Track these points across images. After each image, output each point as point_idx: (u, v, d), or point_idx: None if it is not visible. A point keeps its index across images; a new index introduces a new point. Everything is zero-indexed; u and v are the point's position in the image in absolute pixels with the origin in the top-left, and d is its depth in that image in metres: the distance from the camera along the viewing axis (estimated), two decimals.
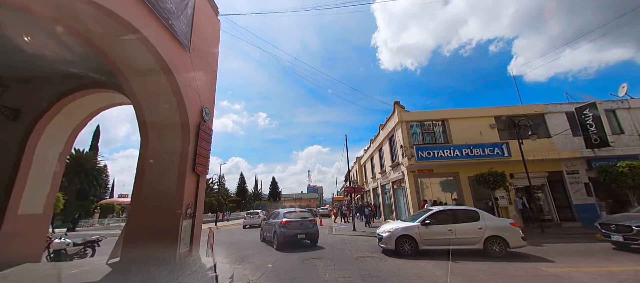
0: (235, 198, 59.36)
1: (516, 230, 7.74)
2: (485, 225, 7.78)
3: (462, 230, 7.85)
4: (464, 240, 7.77)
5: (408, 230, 8.13)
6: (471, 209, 8.50)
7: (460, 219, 8.08)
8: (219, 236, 16.50)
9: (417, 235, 7.96)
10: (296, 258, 8.34)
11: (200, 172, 6.36)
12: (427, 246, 7.91)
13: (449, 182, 15.53)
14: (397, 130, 16.31)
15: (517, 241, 7.61)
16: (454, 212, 8.42)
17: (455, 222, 7.99)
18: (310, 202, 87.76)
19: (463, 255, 7.83)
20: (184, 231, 5.72)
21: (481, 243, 7.66)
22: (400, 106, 16.23)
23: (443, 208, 8.73)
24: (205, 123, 6.75)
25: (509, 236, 7.61)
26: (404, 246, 7.98)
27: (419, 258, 7.64)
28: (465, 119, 15.92)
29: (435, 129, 16.00)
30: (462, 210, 8.55)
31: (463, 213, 8.31)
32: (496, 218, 8.60)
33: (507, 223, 7.99)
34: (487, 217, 8.04)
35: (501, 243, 7.61)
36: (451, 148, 14.12)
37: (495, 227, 7.78)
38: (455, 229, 7.86)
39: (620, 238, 8.06)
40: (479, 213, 8.13)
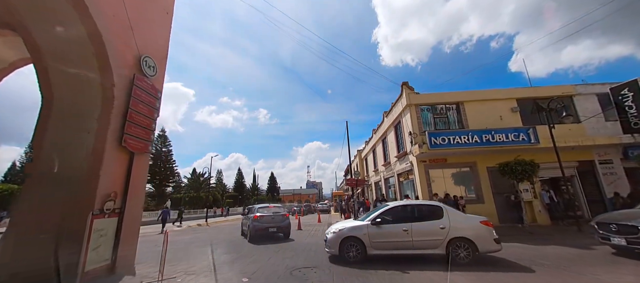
0: (232, 194, 57.39)
1: (487, 231, 6.10)
2: (449, 225, 6.11)
3: (420, 230, 6.20)
4: (421, 242, 6.16)
5: (355, 230, 6.53)
6: (434, 204, 6.86)
7: (420, 217, 6.48)
8: (203, 234, 14.43)
9: (366, 237, 6.35)
10: (282, 267, 6.33)
11: (133, 147, 4.26)
12: (378, 250, 6.30)
13: (464, 173, 13.42)
14: (405, 115, 14.17)
15: (488, 244, 5.95)
16: (414, 208, 6.76)
17: (414, 220, 6.39)
18: (310, 198, 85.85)
19: (422, 262, 6.18)
20: (100, 236, 3.66)
21: (443, 247, 6.03)
22: (409, 87, 14.07)
23: (401, 204, 7.08)
24: (146, 79, 4.63)
25: (478, 238, 5.94)
26: (349, 251, 6.38)
27: (365, 266, 5.99)
28: (483, 101, 13.77)
29: (449, 113, 13.86)
30: (423, 205, 6.90)
31: (424, 210, 6.66)
32: (464, 215, 6.82)
33: (477, 221, 6.28)
34: (453, 215, 6.39)
35: (468, 246, 5.96)
36: (469, 134, 11.98)
37: (461, 227, 6.12)
38: (411, 229, 6.21)
39: (622, 241, 6.19)
40: (443, 209, 6.48)
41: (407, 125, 13.90)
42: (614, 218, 6.86)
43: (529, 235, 10.10)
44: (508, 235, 10.23)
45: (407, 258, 6.36)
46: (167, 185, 45.39)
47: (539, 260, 6.52)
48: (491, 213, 12.37)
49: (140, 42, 4.61)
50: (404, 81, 14.17)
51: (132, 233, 4.30)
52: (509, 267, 5.96)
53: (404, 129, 14.66)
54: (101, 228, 3.66)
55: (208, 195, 40.50)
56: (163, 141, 43.63)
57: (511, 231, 10.85)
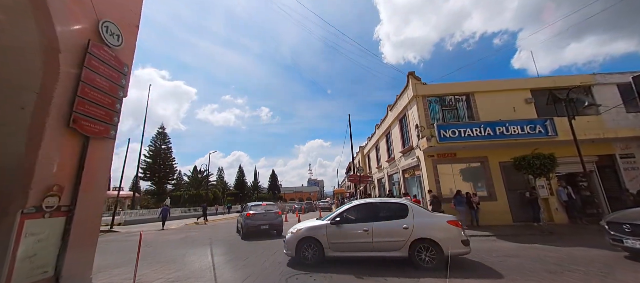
0: (233, 192, 56.75)
1: (455, 231, 5.46)
2: (413, 224, 5.53)
3: (381, 230, 5.66)
4: (382, 244, 5.60)
5: (313, 231, 6.07)
6: (399, 202, 6.24)
7: (383, 216, 5.94)
8: (198, 233, 13.64)
9: (324, 237, 5.88)
10: (277, 274, 5.51)
11: (87, 130, 3.41)
12: (337, 252, 5.83)
13: (474, 169, 12.50)
14: (412, 107, 13.26)
15: (456, 246, 5.33)
16: (378, 206, 6.23)
17: (376, 219, 5.86)
18: (311, 195, 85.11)
19: (385, 265, 5.69)
20: (37, 240, 2.84)
21: (405, 249, 5.44)
22: (415, 78, 13.15)
23: (365, 201, 6.57)
24: (107, 49, 3.79)
25: (444, 239, 5.33)
26: (306, 252, 5.95)
27: (320, 269, 5.51)
28: (495, 92, 12.82)
29: (459, 105, 12.92)
30: (387, 203, 6.34)
31: (388, 209, 6.10)
32: (431, 214, 6.11)
33: (443, 221, 5.67)
34: (418, 214, 5.77)
35: (433, 249, 5.36)
36: (481, 126, 11.06)
37: (426, 227, 5.52)
38: (372, 230, 5.68)
39: (637, 243, 5.35)
40: (408, 207, 5.88)
41: (414, 118, 13.00)
42: (628, 217, 5.93)
43: (549, 235, 9.21)
44: (524, 234, 9.34)
45: (369, 262, 5.84)
46: (167, 183, 44.75)
47: (569, 264, 5.66)
48: (504, 211, 11.48)
49: (101, 4, 3.76)
50: (410, 71, 13.25)
51: (88, 236, 3.46)
52: (477, 273, 5.16)
53: (410, 122, 13.76)
54: (38, 230, 2.83)
55: (207, 193, 39.79)
56: (162, 138, 42.91)
57: (527, 230, 9.96)
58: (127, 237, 13.20)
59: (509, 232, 9.76)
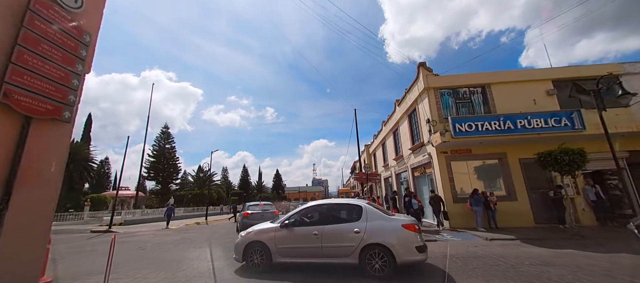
0: (237, 192, 56.30)
1: (409, 236, 4.92)
2: (365, 228, 5.03)
3: (331, 234, 5.19)
4: (332, 249, 5.12)
5: (261, 234, 5.70)
6: (353, 203, 5.70)
7: (336, 218, 5.48)
8: (195, 234, 12.91)
9: (272, 241, 5.48)
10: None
11: (27, 108, 2.66)
12: (285, 258, 5.38)
13: (489, 167, 11.52)
14: (423, 101, 12.34)
15: (408, 252, 4.83)
16: (332, 207, 5.76)
17: (329, 222, 5.39)
18: (315, 195, 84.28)
19: (341, 272, 5.17)
20: None
21: (356, 256, 4.95)
22: (427, 69, 12.23)
23: (319, 203, 6.08)
24: (59, 9, 3.03)
25: (396, 245, 4.81)
26: (254, 258, 5.53)
27: (266, 277, 5.12)
28: (513, 83, 11.83)
29: (473, 97, 11.96)
30: (342, 205, 5.83)
31: (341, 210, 5.65)
32: (386, 217, 5.36)
33: (398, 225, 5.06)
34: (372, 217, 5.21)
35: (385, 255, 4.83)
36: (500, 120, 10.10)
37: (379, 232, 4.98)
38: (322, 233, 5.22)
39: None
40: (363, 209, 5.36)
41: (425, 112, 12.08)
42: None
43: (579, 238, 8.23)
44: (551, 238, 8.36)
45: (322, 269, 5.33)
46: (172, 182, 44.42)
47: (622, 275, 4.75)
48: (525, 212, 10.50)
49: None
50: (421, 62, 12.33)
51: (30, 244, 2.71)
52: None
53: (421, 116, 12.84)
54: None
55: (211, 192, 39.28)
56: (166, 138, 42.60)
57: (553, 233, 8.99)
58: (123, 238, 12.57)
59: (533, 235, 8.80)
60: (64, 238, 13.00)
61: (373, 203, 6.09)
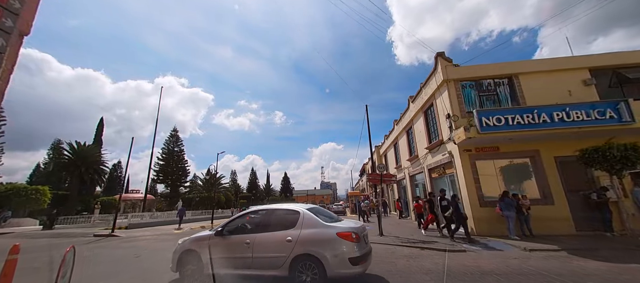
0: (246, 195, 55.81)
1: (342, 246, 4.36)
2: (298, 237, 4.52)
3: (263, 243, 4.71)
4: (262, 260, 4.63)
5: (196, 243, 5.28)
6: (292, 209, 5.12)
7: (271, 225, 4.95)
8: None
9: (206, 250, 5.06)
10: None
11: None
12: (217, 268, 4.87)
13: (517, 166, 10.21)
14: (442, 94, 11.18)
15: (340, 264, 4.26)
16: (269, 213, 5.25)
17: (263, 230, 4.92)
18: (324, 199, 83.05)
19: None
20: None
21: (286, 267, 4.43)
22: (446, 59, 11.09)
23: (257, 209, 5.63)
24: None
25: (327, 256, 4.28)
26: (187, 268, 5.14)
27: None
28: (544, 73, 10.55)
29: (499, 89, 10.73)
30: (278, 210, 5.25)
31: (278, 216, 5.11)
32: (323, 224, 4.70)
33: (332, 232, 4.49)
34: (308, 223, 4.66)
35: (316, 267, 4.31)
36: (534, 112, 8.85)
37: (311, 240, 4.46)
38: (254, 242, 4.76)
39: None
40: (300, 215, 4.82)
41: (444, 107, 10.93)
42: None
43: (635, 249, 6.91)
44: (602, 249, 7.03)
45: (254, 281, 4.67)
46: (181, 185, 44.26)
47: None
48: (564, 217, 9.16)
49: None
50: (439, 51, 11.19)
51: None
52: None
53: (439, 112, 11.68)
54: None
55: (219, 196, 38.77)
56: (175, 141, 42.56)
57: (602, 243, 7.65)
58: (122, 243, 11.87)
59: (578, 244, 7.50)
60: (65, 242, 12.43)
61: (364, 206, 5.10)
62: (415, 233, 10.67)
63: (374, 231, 11.89)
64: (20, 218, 21.82)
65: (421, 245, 7.98)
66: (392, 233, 10.95)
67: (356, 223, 5.04)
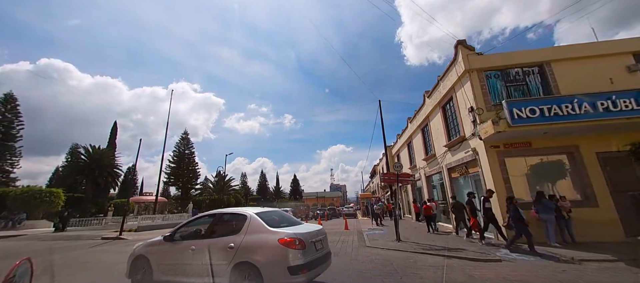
0: (256, 197, 55.55)
1: (282, 252, 3.87)
2: (240, 243, 4.12)
3: (206, 250, 4.31)
4: (204, 268, 4.20)
5: (147, 248, 5.03)
6: (239, 213, 4.75)
7: (217, 231, 4.62)
8: None
9: (155, 256, 4.81)
10: None
11: None
12: (166, 275, 4.61)
13: (552, 165, 9.06)
14: (463, 86, 10.16)
15: (279, 274, 3.79)
16: (217, 217, 4.90)
17: (209, 236, 4.60)
18: (333, 201, 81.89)
19: None
20: None
21: (227, 276, 4.00)
22: (467, 47, 10.06)
23: (208, 213, 5.19)
24: None
25: (264, 264, 3.85)
26: (138, 275, 4.89)
27: None
28: (580, 60, 9.37)
29: (529, 79, 9.62)
30: (226, 215, 4.95)
31: (225, 221, 4.82)
32: (269, 230, 4.27)
33: (274, 240, 4.03)
34: (254, 228, 4.27)
35: (255, 276, 3.86)
36: (572, 102, 7.74)
37: (252, 247, 4.05)
38: (198, 248, 4.42)
39: None
40: (246, 219, 4.43)
41: (466, 100, 9.91)
42: None
43: None
44: None
45: None
46: (192, 187, 44.37)
47: None
48: (610, 221, 7.95)
49: None
50: (460, 39, 10.20)
51: None
52: None
53: (459, 106, 10.65)
54: None
55: (229, 198, 38.52)
56: (186, 144, 42.75)
57: None
58: (126, 246, 11.40)
59: (635, 253, 6.34)
60: (72, 245, 12.09)
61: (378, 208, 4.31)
62: (437, 239, 9.66)
63: (389, 236, 10.95)
64: (35, 221, 22.03)
65: (446, 253, 7.01)
66: (410, 238, 9.97)
67: (310, 228, 4.66)
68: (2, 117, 27.65)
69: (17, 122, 28.80)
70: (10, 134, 27.92)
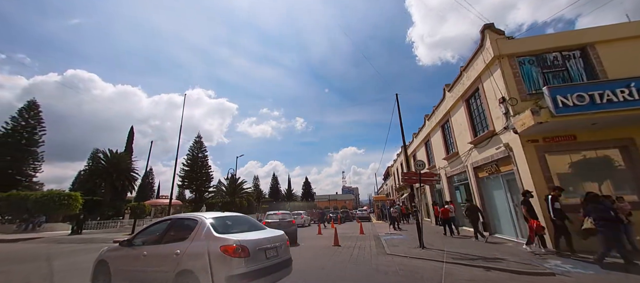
0: (268, 199, 55.27)
1: (223, 261, 3.63)
2: (185, 250, 3.90)
3: (155, 256, 4.20)
4: (153, 274, 4.08)
5: (108, 253, 4.86)
6: (191, 218, 4.45)
7: (171, 236, 4.35)
8: None
9: (113, 261, 4.67)
10: None
11: None
12: (121, 281, 4.49)
13: (597, 161, 7.82)
14: (492, 74, 9.10)
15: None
16: (173, 222, 4.58)
17: (161, 241, 4.36)
18: (346, 204, 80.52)
19: None
20: None
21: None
22: (495, 31, 9.01)
23: (167, 218, 4.84)
24: None
25: (203, 272, 3.63)
26: (99, 279, 4.75)
27: None
28: (630, 40, 8.16)
29: (569, 64, 8.45)
30: (180, 220, 4.60)
31: (177, 226, 4.49)
32: (212, 236, 3.89)
33: (216, 247, 3.71)
34: (201, 234, 3.97)
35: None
36: (629, 86, 6.58)
37: (195, 254, 3.81)
38: (149, 254, 4.27)
39: None
40: (197, 224, 4.16)
41: (495, 90, 8.84)
42: None
43: None
44: None
45: None
46: (206, 190, 44.56)
47: None
48: None
49: None
50: (487, 23, 9.17)
51: None
52: None
53: (487, 97, 9.59)
54: None
55: (241, 201, 38.29)
56: (199, 147, 43.05)
57: None
58: None
59: None
60: (82, 248, 11.86)
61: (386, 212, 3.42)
62: (462, 245, 8.61)
63: (410, 241, 9.95)
64: (54, 223, 22.40)
65: (483, 264, 6.01)
66: (434, 244, 8.96)
67: (265, 235, 4.37)
68: (25, 123, 28.64)
69: (40, 128, 29.76)
70: (32, 139, 28.86)
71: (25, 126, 28.71)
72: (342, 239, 10.87)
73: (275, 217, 11.41)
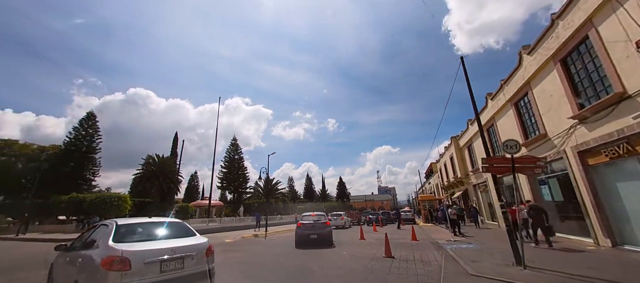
0: (302, 200, 54.40)
1: (99, 274, 3.33)
2: (84, 258, 3.74)
3: (68, 263, 4.05)
4: (66, 279, 3.97)
5: (55, 257, 4.75)
6: (104, 223, 4.19)
7: (86, 242, 4.03)
8: (240, 255, 9.30)
9: (55, 265, 4.60)
10: None
11: None
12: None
13: None
14: (608, 17, 6.07)
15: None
16: (98, 228, 4.22)
17: (81, 247, 4.05)
18: (384, 204, 76.15)
19: None
20: None
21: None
22: None
23: (98, 222, 4.53)
24: None
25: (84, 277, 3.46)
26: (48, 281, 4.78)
27: None
28: None
29: None
30: (104, 224, 4.17)
31: (95, 231, 4.17)
32: (105, 244, 3.54)
33: (98, 258, 3.38)
34: (102, 242, 3.62)
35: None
36: None
37: (83, 264, 3.67)
38: (68, 260, 4.13)
39: None
40: (104, 230, 3.89)
41: (627, 28, 5.80)
42: None
43: None
44: None
45: None
46: (243, 192, 45.16)
47: None
48: None
49: None
50: None
51: None
52: None
53: (604, 45, 6.51)
54: None
55: (276, 201, 37.66)
56: (235, 149, 43.73)
57: None
58: None
59: None
60: None
61: None
62: (581, 262, 5.71)
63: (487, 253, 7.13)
64: None
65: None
66: (534, 260, 6.17)
67: (170, 245, 3.67)
68: (85, 132, 31.42)
69: (97, 136, 32.46)
70: (91, 147, 31.53)
71: (85, 135, 31.49)
72: (393, 247, 8.54)
73: (309, 218, 11.32)
